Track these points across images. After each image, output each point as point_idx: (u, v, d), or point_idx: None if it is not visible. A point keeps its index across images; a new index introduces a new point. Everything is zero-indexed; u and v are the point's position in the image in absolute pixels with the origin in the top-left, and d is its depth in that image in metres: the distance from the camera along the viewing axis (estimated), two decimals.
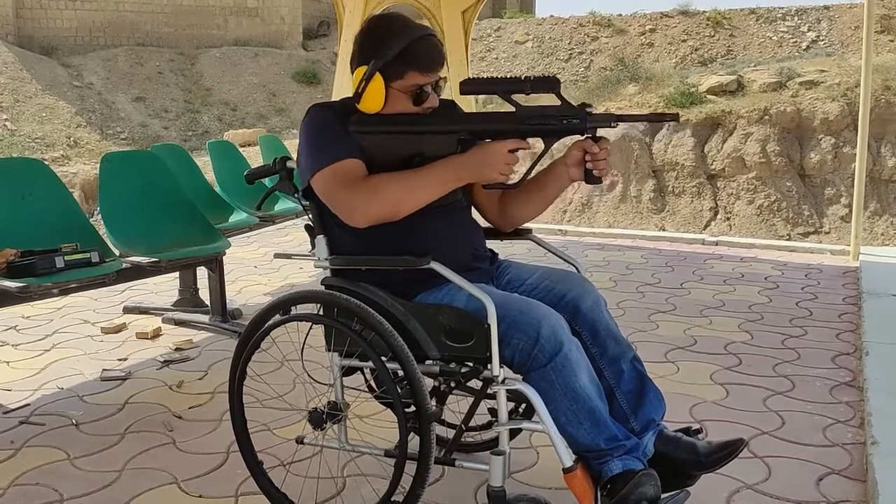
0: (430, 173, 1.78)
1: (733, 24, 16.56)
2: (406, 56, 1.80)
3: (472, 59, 15.32)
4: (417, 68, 1.81)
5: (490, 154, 1.74)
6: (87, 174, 11.22)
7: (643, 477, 1.69)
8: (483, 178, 1.78)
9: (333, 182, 1.79)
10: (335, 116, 1.88)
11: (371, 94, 1.81)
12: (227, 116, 16.63)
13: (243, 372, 2.02)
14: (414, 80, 1.82)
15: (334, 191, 1.80)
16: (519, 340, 1.72)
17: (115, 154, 3.85)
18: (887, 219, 8.37)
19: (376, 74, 1.80)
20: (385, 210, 1.76)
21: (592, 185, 1.85)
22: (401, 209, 1.77)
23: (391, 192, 1.76)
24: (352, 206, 1.77)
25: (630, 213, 8.97)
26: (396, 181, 1.77)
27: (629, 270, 5.04)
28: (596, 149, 1.78)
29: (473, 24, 6.01)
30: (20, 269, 2.71)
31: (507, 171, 1.75)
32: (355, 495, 2.16)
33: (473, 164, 1.76)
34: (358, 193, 1.77)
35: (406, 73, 1.81)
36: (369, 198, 1.75)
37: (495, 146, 1.75)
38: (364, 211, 1.76)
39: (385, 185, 1.76)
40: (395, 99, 1.83)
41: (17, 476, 2.29)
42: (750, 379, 3.04)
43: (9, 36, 16.45)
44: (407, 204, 1.76)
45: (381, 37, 1.83)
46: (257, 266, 5.28)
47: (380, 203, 1.75)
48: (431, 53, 1.84)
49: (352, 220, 1.78)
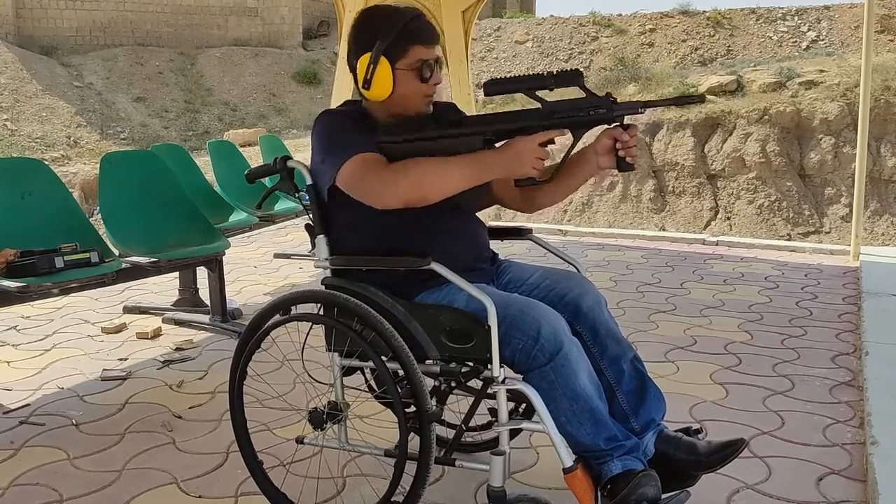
0: (460, 163, 1.75)
1: (733, 23, 16.56)
2: (406, 33, 1.82)
3: (472, 59, 15.31)
4: (420, 42, 1.83)
5: (520, 149, 1.72)
6: (87, 174, 11.22)
7: (643, 477, 1.69)
8: (513, 174, 1.75)
9: (361, 169, 1.77)
10: (349, 118, 1.88)
11: (379, 78, 1.81)
12: (227, 116, 16.63)
13: (243, 372, 2.02)
14: (418, 55, 1.83)
15: (363, 176, 1.77)
16: (519, 340, 1.72)
17: (115, 154, 3.85)
18: (887, 219, 8.36)
19: (381, 58, 1.80)
20: (415, 190, 1.72)
21: (625, 171, 1.82)
22: (430, 192, 1.73)
23: (422, 172, 1.73)
24: (382, 188, 1.74)
25: (630, 213, 8.96)
26: (427, 163, 1.75)
27: (629, 270, 5.04)
28: (626, 136, 1.76)
29: (473, 24, 6.00)
30: (20, 269, 2.71)
31: (538, 164, 1.73)
32: (355, 495, 2.16)
33: (504, 160, 1.73)
34: (388, 174, 1.74)
35: (409, 50, 1.82)
36: (398, 178, 1.73)
37: (525, 141, 1.72)
38: (393, 189, 1.73)
39: (416, 166, 1.74)
40: (403, 80, 1.83)
41: (17, 476, 2.29)
42: (750, 379, 3.04)
43: (9, 36, 16.45)
44: (435, 187, 1.73)
45: (377, 22, 1.85)
46: (257, 266, 5.27)
47: (409, 183, 1.72)
48: (428, 28, 1.87)
49: (382, 200, 1.75)
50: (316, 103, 17.38)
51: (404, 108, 1.87)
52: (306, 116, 17.00)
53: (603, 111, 1.72)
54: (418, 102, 1.87)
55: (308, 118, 16.82)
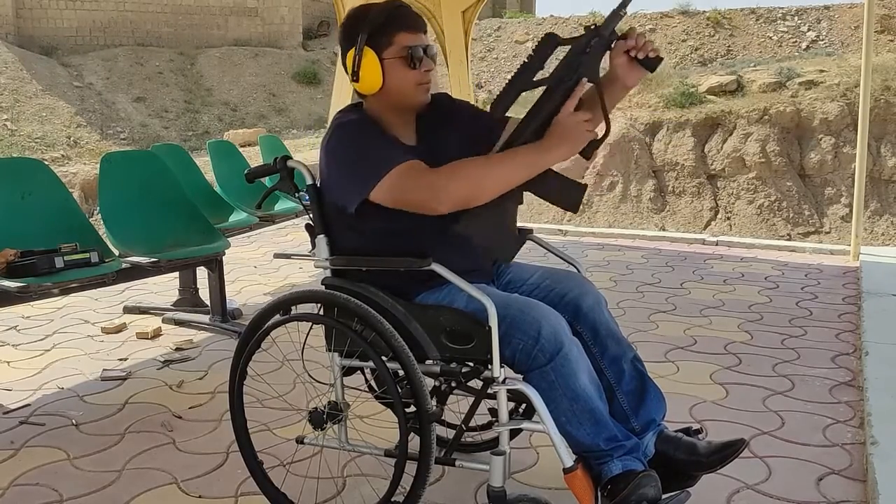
0: (511, 156, 1.73)
1: (733, 24, 16.56)
2: (389, 22, 1.81)
3: (472, 59, 15.30)
4: (403, 28, 1.82)
5: (563, 128, 1.71)
6: (87, 174, 11.21)
7: (643, 478, 1.69)
8: (573, 151, 1.72)
9: (403, 180, 1.73)
10: (364, 130, 1.83)
11: (367, 69, 1.80)
12: (227, 116, 16.63)
13: (244, 372, 2.02)
14: (403, 42, 1.81)
15: (408, 187, 1.73)
16: (519, 340, 1.72)
17: (115, 154, 3.85)
18: (887, 219, 8.36)
19: (366, 49, 1.79)
20: (466, 190, 1.69)
21: (655, 69, 1.75)
22: (483, 189, 1.70)
23: (473, 170, 1.71)
24: (433, 193, 1.70)
25: (630, 213, 8.96)
26: (477, 161, 1.74)
27: (629, 270, 5.04)
28: (631, 42, 1.73)
29: (473, 24, 6.00)
30: (20, 269, 2.71)
31: (589, 127, 1.72)
32: (355, 495, 2.16)
33: (557, 145, 1.71)
34: (433, 182, 1.71)
35: (394, 37, 1.81)
36: (448, 181, 1.70)
37: (562, 119, 1.71)
38: (445, 194, 1.69)
39: (465, 166, 1.72)
40: (392, 69, 1.81)
41: (17, 476, 2.29)
42: (750, 379, 3.04)
43: (9, 36, 16.45)
44: (489, 182, 1.70)
45: (361, 16, 1.84)
46: (257, 266, 5.27)
47: (460, 183, 1.69)
48: (411, 15, 1.85)
49: (435, 205, 1.71)
50: (316, 103, 17.38)
51: (400, 98, 1.85)
52: (306, 116, 17.00)
53: (596, 40, 1.72)
54: (413, 91, 1.85)
55: (308, 118, 16.82)
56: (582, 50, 1.73)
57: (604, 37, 1.72)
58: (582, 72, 1.72)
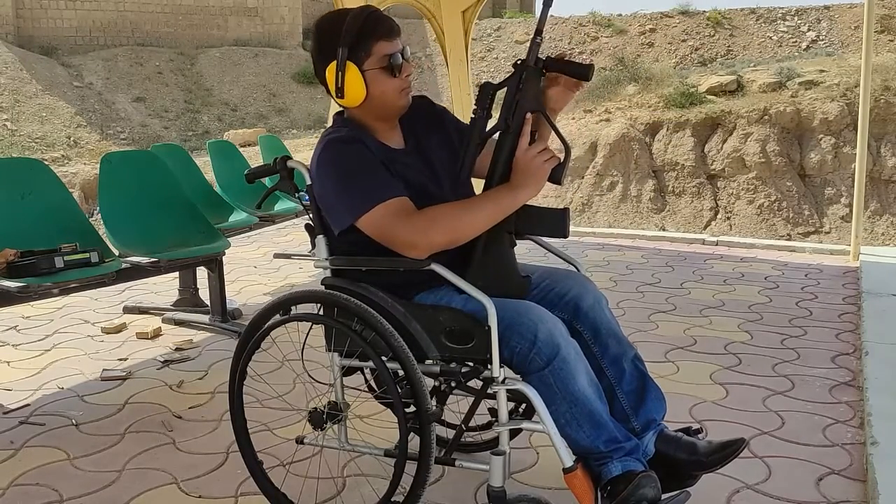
0: (486, 200, 1.78)
1: (733, 24, 16.57)
2: (365, 32, 1.80)
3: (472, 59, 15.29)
4: (381, 37, 1.81)
5: (524, 165, 1.76)
6: (87, 174, 11.22)
7: (643, 479, 1.69)
8: (538, 186, 1.77)
9: (387, 220, 1.75)
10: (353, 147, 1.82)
11: (351, 85, 1.80)
12: (227, 116, 16.64)
13: (243, 372, 2.02)
14: (382, 51, 1.80)
15: (391, 228, 1.76)
16: (517, 343, 1.72)
17: (115, 154, 3.85)
18: (887, 219, 8.37)
19: (347, 63, 1.79)
20: (446, 237, 1.74)
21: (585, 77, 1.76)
22: (461, 235, 1.76)
23: (450, 219, 1.75)
24: (412, 239, 1.74)
25: (630, 213, 8.97)
26: (454, 208, 1.77)
27: (629, 270, 5.04)
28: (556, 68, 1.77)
29: (473, 24, 6.00)
30: (20, 269, 2.71)
31: (546, 157, 1.76)
32: (355, 495, 2.16)
33: (521, 181, 1.76)
34: (416, 225, 1.74)
35: (373, 47, 1.80)
36: (429, 227, 1.73)
37: (518, 157, 1.76)
38: (425, 241, 1.74)
39: (444, 214, 1.75)
40: (375, 80, 1.81)
41: (17, 476, 2.29)
42: (750, 379, 3.04)
43: (9, 36, 16.46)
44: (467, 230, 1.76)
45: (335, 29, 1.81)
46: (257, 266, 5.28)
47: (440, 231, 1.73)
48: (386, 21, 1.85)
49: (413, 252, 1.75)
50: (316, 103, 17.39)
51: (383, 106, 1.86)
52: (306, 116, 17.01)
53: (525, 72, 1.77)
54: (395, 98, 1.85)
55: (308, 118, 16.84)
56: (516, 86, 1.78)
57: (532, 67, 1.77)
58: (523, 106, 1.77)
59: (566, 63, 1.77)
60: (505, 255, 1.84)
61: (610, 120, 9.63)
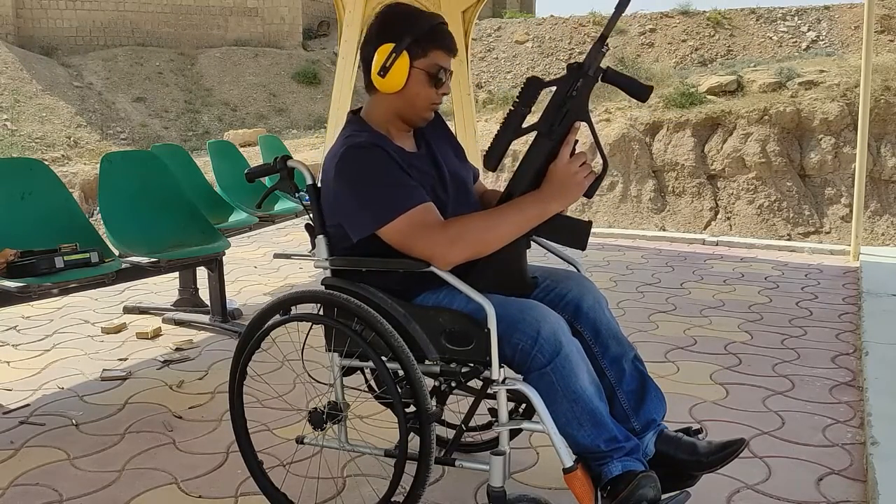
0: (513, 211, 1.75)
1: (733, 24, 16.58)
2: (432, 36, 1.83)
3: (473, 59, 15.31)
4: (443, 48, 1.85)
5: (561, 175, 1.74)
6: (87, 174, 11.22)
7: (643, 479, 1.69)
8: (573, 198, 1.76)
9: (409, 232, 1.74)
10: (383, 153, 1.80)
11: (397, 69, 1.80)
12: (227, 116, 16.64)
13: (243, 372, 2.02)
14: (437, 60, 1.84)
15: (412, 241, 1.75)
16: (518, 341, 1.72)
17: (115, 154, 3.85)
18: (887, 219, 8.37)
19: (404, 51, 1.80)
20: (468, 252, 1.73)
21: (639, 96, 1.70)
22: (485, 249, 1.74)
23: (475, 233, 1.73)
24: (433, 254, 1.73)
25: (630, 213, 8.97)
26: (479, 221, 1.75)
27: (629, 270, 5.04)
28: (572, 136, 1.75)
29: (473, 24, 6.00)
30: (20, 269, 2.71)
31: (585, 172, 1.75)
32: (355, 495, 2.16)
33: (555, 193, 1.74)
34: (438, 242, 1.73)
35: (430, 52, 1.83)
36: (450, 245, 1.72)
37: (559, 167, 1.74)
38: (446, 258, 1.73)
39: (466, 231, 1.74)
40: (416, 79, 1.83)
41: (17, 476, 2.29)
42: (750, 379, 3.04)
43: (9, 36, 16.46)
44: (492, 243, 1.74)
45: (407, 17, 1.85)
46: (257, 266, 5.28)
47: (462, 247, 1.72)
48: (452, 37, 1.89)
49: (436, 264, 1.75)
50: (316, 103, 17.39)
51: (410, 108, 1.87)
52: (306, 116, 17.01)
53: (580, 80, 1.71)
54: (424, 107, 1.88)
55: (308, 118, 16.83)
56: (567, 91, 1.72)
57: (588, 76, 1.71)
58: (572, 114, 1.72)
59: (627, 79, 1.71)
60: (518, 254, 1.82)
61: (610, 120, 9.63)
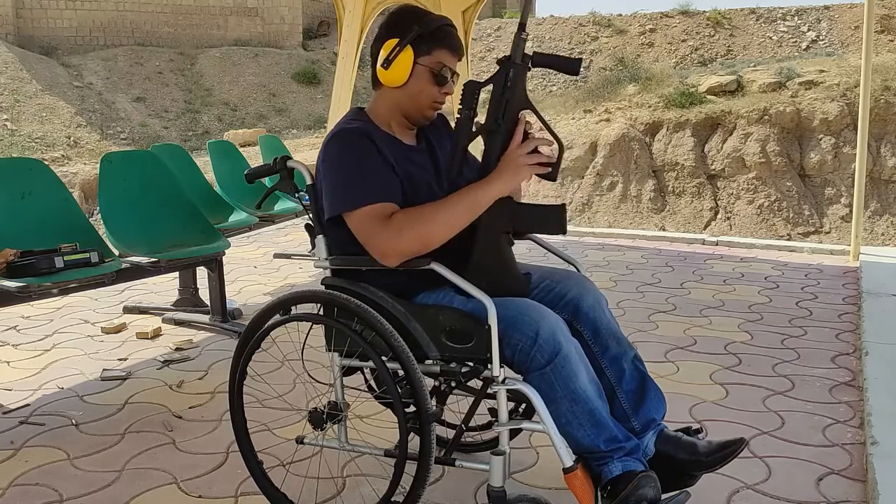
0: (456, 196, 1.78)
1: (733, 24, 16.57)
2: (438, 35, 1.85)
3: (472, 59, 15.31)
4: (447, 48, 1.87)
5: (506, 161, 1.77)
6: (87, 174, 11.22)
7: (643, 479, 1.69)
8: (516, 179, 1.78)
9: (367, 225, 1.77)
10: (369, 143, 1.83)
11: (400, 63, 1.83)
12: (227, 116, 16.63)
13: (243, 372, 2.02)
14: (441, 59, 1.86)
15: (367, 234, 1.78)
16: (518, 341, 1.72)
17: (115, 154, 3.85)
18: (887, 219, 8.36)
19: (409, 45, 1.82)
20: (414, 245, 1.74)
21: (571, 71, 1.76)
22: (435, 238, 1.75)
23: (419, 224, 1.75)
24: (382, 249, 1.76)
25: (630, 213, 8.96)
26: (425, 211, 1.77)
27: (629, 270, 5.04)
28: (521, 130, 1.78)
29: (473, 24, 6.00)
30: (20, 269, 2.71)
31: (533, 160, 1.77)
32: (355, 495, 2.16)
33: (497, 175, 1.77)
34: (386, 234, 1.75)
35: (434, 50, 1.85)
36: (396, 237, 1.74)
37: (508, 153, 1.77)
38: (395, 250, 1.75)
39: (409, 219, 1.75)
40: (419, 76, 1.86)
41: (17, 476, 2.29)
42: (750, 379, 3.04)
43: (9, 36, 16.46)
44: (440, 230, 1.75)
45: (415, 16, 1.88)
46: (257, 266, 5.28)
47: (408, 239, 1.74)
48: (458, 40, 1.91)
49: (385, 261, 1.77)
50: (316, 103, 17.39)
51: (413, 104, 1.89)
52: (306, 116, 17.00)
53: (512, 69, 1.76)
54: (427, 104, 1.90)
55: (308, 118, 16.83)
56: (503, 84, 1.77)
57: (518, 65, 1.76)
58: (513, 104, 1.77)
59: (554, 58, 1.77)
60: (503, 255, 1.84)
61: (610, 120, 9.63)
